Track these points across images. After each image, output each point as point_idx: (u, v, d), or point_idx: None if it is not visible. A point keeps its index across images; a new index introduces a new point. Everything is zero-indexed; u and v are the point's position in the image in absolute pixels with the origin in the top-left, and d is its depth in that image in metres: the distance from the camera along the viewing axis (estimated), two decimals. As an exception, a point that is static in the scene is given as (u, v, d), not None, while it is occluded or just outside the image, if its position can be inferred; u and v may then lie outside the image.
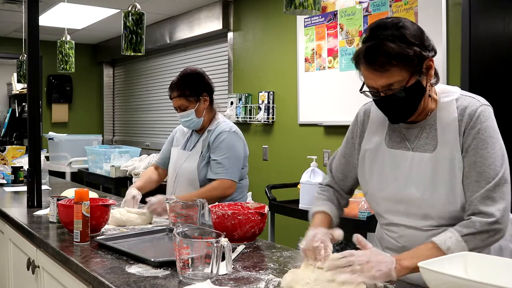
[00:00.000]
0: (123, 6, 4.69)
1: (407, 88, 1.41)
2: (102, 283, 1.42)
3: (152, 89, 6.50)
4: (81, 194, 1.83)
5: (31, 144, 2.62)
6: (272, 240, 3.34)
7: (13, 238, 2.35)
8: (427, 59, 1.42)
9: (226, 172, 2.43)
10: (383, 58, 1.38)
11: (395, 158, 1.54)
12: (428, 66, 1.43)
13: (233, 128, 2.54)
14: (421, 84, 1.43)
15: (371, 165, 1.60)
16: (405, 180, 1.51)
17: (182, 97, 2.51)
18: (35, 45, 2.60)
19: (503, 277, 1.09)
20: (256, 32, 4.58)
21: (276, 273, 1.49)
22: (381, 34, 1.40)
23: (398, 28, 1.40)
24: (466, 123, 1.44)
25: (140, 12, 2.46)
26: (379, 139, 1.60)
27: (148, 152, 5.60)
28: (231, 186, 2.44)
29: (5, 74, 8.02)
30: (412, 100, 1.44)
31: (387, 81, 1.40)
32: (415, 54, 1.39)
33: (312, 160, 3.17)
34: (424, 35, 1.44)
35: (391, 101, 1.45)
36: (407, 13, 3.17)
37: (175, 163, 2.62)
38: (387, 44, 1.38)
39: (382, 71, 1.39)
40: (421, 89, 1.44)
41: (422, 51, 1.40)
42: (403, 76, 1.39)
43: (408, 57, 1.38)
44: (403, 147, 1.54)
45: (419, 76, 1.42)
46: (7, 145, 5.01)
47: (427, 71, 1.44)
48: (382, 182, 1.57)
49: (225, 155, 2.45)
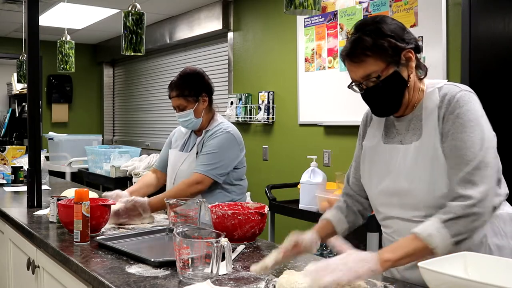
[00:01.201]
0: (123, 6, 4.69)
1: (385, 79, 1.47)
2: (102, 283, 1.42)
3: (152, 89, 6.50)
4: (81, 194, 1.83)
5: (31, 144, 2.62)
6: (272, 240, 3.34)
7: (13, 238, 2.35)
8: (404, 50, 1.47)
9: (201, 166, 2.38)
10: (359, 50, 1.48)
11: (390, 153, 1.58)
12: (407, 58, 1.48)
13: (228, 129, 2.49)
14: (399, 75, 1.48)
15: (369, 162, 1.64)
16: (397, 172, 1.54)
17: (181, 97, 2.50)
18: (35, 45, 2.60)
19: (503, 277, 1.09)
20: (256, 32, 4.58)
21: (276, 273, 1.49)
22: (360, 30, 1.50)
23: (375, 23, 1.49)
24: (445, 109, 1.46)
25: (140, 12, 2.46)
26: (377, 137, 1.64)
27: (148, 152, 5.60)
28: (202, 181, 2.36)
29: (5, 74, 8.02)
30: (392, 91, 1.49)
31: (365, 71, 1.48)
32: (389, 45, 1.46)
33: (312, 160, 3.17)
34: (404, 30, 1.52)
35: (373, 93, 1.51)
36: (407, 13, 3.17)
37: (174, 165, 2.60)
38: (363, 37, 1.48)
39: (358, 61, 1.48)
40: (400, 80, 1.49)
41: (397, 42, 1.46)
42: (379, 66, 1.47)
43: (381, 47, 1.45)
44: (396, 141, 1.58)
45: (397, 67, 1.47)
46: (7, 145, 5.01)
47: (407, 63, 1.49)
48: (378, 177, 1.60)
49: (210, 151, 2.41)
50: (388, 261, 1.32)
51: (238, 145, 2.50)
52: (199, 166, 2.40)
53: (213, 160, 2.40)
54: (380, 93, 1.50)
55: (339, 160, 3.72)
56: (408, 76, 1.50)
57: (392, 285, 1.40)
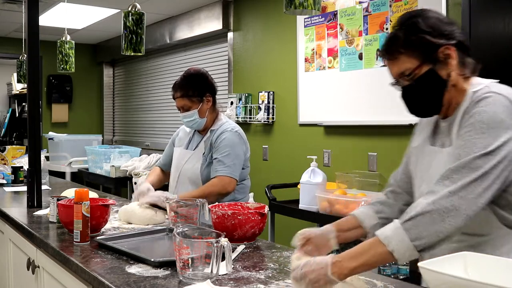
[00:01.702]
0: (123, 6, 4.69)
1: (419, 77, 1.39)
2: (102, 283, 1.42)
3: (152, 89, 6.50)
4: (81, 194, 1.83)
5: (31, 144, 2.62)
6: (272, 240, 3.34)
7: (13, 238, 2.35)
8: (441, 47, 1.37)
9: (225, 169, 2.42)
10: (392, 47, 1.41)
11: (430, 156, 1.48)
12: (446, 55, 1.38)
13: (235, 128, 2.53)
14: (435, 73, 1.38)
15: (414, 163, 1.56)
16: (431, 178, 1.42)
17: (185, 97, 2.51)
18: (35, 45, 2.60)
19: (503, 277, 1.09)
20: (256, 32, 4.58)
21: (276, 273, 1.49)
22: (397, 25, 1.43)
23: (411, 18, 1.41)
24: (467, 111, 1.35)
25: (140, 12, 2.46)
26: (424, 137, 1.54)
27: (148, 152, 5.60)
28: (230, 182, 2.41)
29: (5, 74, 8.02)
30: (428, 90, 1.40)
31: (399, 69, 1.42)
32: (423, 42, 1.37)
33: (312, 160, 3.17)
34: (447, 23, 1.40)
35: (408, 92, 1.44)
36: (407, 13, 3.17)
37: (178, 163, 2.62)
38: (396, 33, 1.41)
39: (392, 58, 1.42)
40: (436, 79, 1.39)
41: (433, 38, 1.36)
42: (413, 63, 1.39)
43: (414, 44, 1.38)
44: (438, 144, 1.48)
45: (434, 65, 1.38)
46: (7, 145, 5.01)
47: (446, 60, 1.38)
48: (419, 180, 1.51)
49: (226, 152, 2.45)
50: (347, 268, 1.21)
51: (245, 143, 2.56)
52: (224, 169, 2.42)
53: (232, 161, 2.44)
54: (415, 92, 1.42)
55: (339, 160, 3.72)
56: (447, 75, 1.39)
57: (392, 285, 1.39)
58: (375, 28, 3.40)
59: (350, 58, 3.58)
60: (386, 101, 3.29)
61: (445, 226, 1.20)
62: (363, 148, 3.52)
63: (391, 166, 3.30)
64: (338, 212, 2.94)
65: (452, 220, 1.21)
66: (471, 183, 1.23)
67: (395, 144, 3.29)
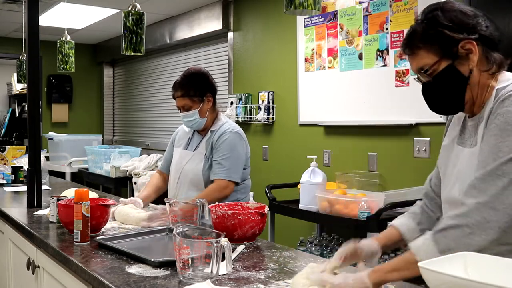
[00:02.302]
0: (123, 6, 4.69)
1: (438, 74, 1.34)
2: (102, 283, 1.42)
3: (152, 89, 6.50)
4: (81, 194, 1.83)
5: (31, 144, 2.62)
6: (272, 240, 3.34)
7: (13, 238, 2.35)
8: (461, 41, 1.31)
9: (223, 172, 2.42)
10: (410, 41, 1.37)
11: (457, 155, 1.42)
12: (467, 49, 1.31)
13: (235, 129, 2.52)
14: (455, 69, 1.32)
15: (443, 164, 1.50)
16: (455, 179, 1.39)
17: (186, 97, 2.50)
18: (35, 45, 2.60)
19: (503, 277, 1.09)
20: (256, 32, 4.58)
21: (276, 273, 1.49)
22: (420, 18, 1.38)
23: (432, 11, 1.36)
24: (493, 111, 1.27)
25: (140, 12, 2.46)
26: (453, 136, 1.48)
27: (148, 152, 5.60)
28: (227, 186, 2.41)
29: (5, 74, 8.02)
30: (448, 87, 1.35)
31: (417, 64, 1.37)
32: (441, 36, 1.32)
33: (312, 160, 3.17)
34: (470, 16, 1.34)
35: (428, 89, 1.39)
36: (407, 13, 3.17)
37: (178, 164, 2.60)
38: (416, 27, 1.37)
39: (411, 54, 1.38)
40: (457, 75, 1.33)
41: (454, 32, 1.31)
42: (431, 59, 1.34)
43: (432, 39, 1.33)
44: (466, 143, 1.41)
45: (453, 60, 1.32)
46: (7, 145, 5.01)
47: (467, 56, 1.32)
48: (446, 180, 1.46)
49: (225, 155, 2.44)
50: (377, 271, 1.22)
51: (245, 143, 2.56)
52: (221, 172, 2.42)
53: (231, 163, 2.44)
54: (434, 89, 1.36)
55: (339, 160, 3.72)
56: (469, 71, 1.32)
57: (392, 285, 1.39)
58: (375, 28, 3.39)
59: (350, 58, 3.58)
60: (386, 101, 3.29)
61: (476, 239, 1.16)
62: (363, 148, 3.52)
63: (391, 166, 3.32)
64: (338, 212, 2.94)
65: (483, 233, 1.15)
66: (501, 192, 1.17)
67: (395, 144, 3.29)
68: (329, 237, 3.34)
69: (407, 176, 3.19)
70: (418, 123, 3.12)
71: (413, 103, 3.09)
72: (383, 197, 2.89)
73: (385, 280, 1.22)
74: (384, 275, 1.22)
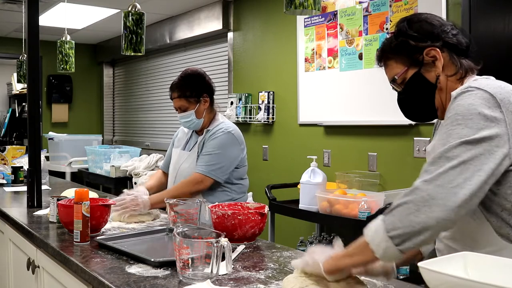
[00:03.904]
0: (123, 6, 4.69)
1: (408, 82, 1.40)
2: (102, 283, 1.42)
3: (152, 89, 6.50)
4: (81, 194, 1.83)
5: (31, 144, 2.62)
6: (272, 240, 3.34)
7: (13, 238, 2.35)
8: (426, 49, 1.36)
9: (202, 167, 2.41)
10: (381, 53, 1.45)
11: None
12: (432, 57, 1.36)
13: (229, 129, 2.51)
14: (422, 77, 1.38)
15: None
16: None
17: (182, 98, 2.51)
18: (35, 45, 2.60)
19: (503, 277, 1.09)
20: (256, 32, 4.58)
21: (276, 273, 1.49)
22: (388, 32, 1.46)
23: (400, 23, 1.43)
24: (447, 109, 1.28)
25: (140, 12, 2.46)
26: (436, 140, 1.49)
27: (148, 152, 5.60)
28: (202, 181, 2.39)
29: (5, 74, 8.02)
30: (417, 95, 1.40)
31: (390, 74, 1.45)
32: (406, 46, 1.38)
33: (312, 160, 3.17)
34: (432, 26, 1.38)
35: (400, 97, 1.46)
36: (407, 13, 3.17)
37: (175, 164, 2.63)
38: (385, 40, 1.45)
39: (381, 65, 1.46)
40: (423, 82, 1.38)
41: (417, 42, 1.37)
42: (400, 68, 1.41)
43: (399, 49, 1.40)
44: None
45: (419, 68, 1.38)
46: (7, 145, 5.01)
47: (433, 63, 1.37)
48: None
49: (210, 151, 2.44)
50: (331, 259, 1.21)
51: (239, 144, 2.52)
52: (200, 166, 2.43)
53: (214, 160, 2.43)
54: (406, 97, 1.42)
55: (339, 160, 3.72)
56: (435, 77, 1.37)
57: (392, 284, 1.39)
58: (375, 28, 3.40)
59: (350, 58, 3.58)
60: (386, 101, 3.29)
61: (421, 216, 1.12)
62: (363, 148, 3.52)
63: (391, 166, 3.32)
64: (338, 212, 2.94)
65: (428, 209, 1.12)
66: (447, 171, 1.14)
67: (395, 144, 3.29)
68: (329, 237, 3.34)
69: (407, 176, 3.19)
70: (418, 123, 3.12)
71: (413, 103, 3.08)
72: (383, 197, 2.89)
73: (339, 267, 1.20)
74: (337, 262, 1.21)
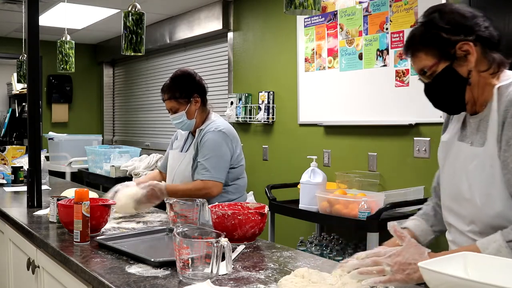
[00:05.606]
0: (123, 6, 4.69)
1: (437, 75, 1.37)
2: (102, 283, 1.42)
3: (152, 89, 6.50)
4: (81, 194, 1.83)
5: (31, 144, 2.62)
6: (272, 240, 3.34)
7: (13, 238, 2.35)
8: (459, 43, 1.33)
9: (208, 173, 2.42)
10: (410, 44, 1.41)
11: (459, 152, 1.44)
12: (464, 51, 1.34)
13: (219, 127, 2.50)
14: (454, 71, 1.35)
15: (443, 159, 1.52)
16: (460, 176, 1.41)
17: (172, 99, 2.52)
18: (35, 45, 2.60)
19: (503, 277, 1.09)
20: (256, 32, 4.58)
21: (276, 273, 1.49)
22: (418, 21, 1.41)
23: (431, 13, 1.39)
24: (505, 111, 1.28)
25: (140, 12, 2.46)
26: (454, 132, 1.50)
27: (148, 152, 5.60)
28: (214, 185, 2.42)
29: (5, 74, 8.02)
30: (447, 88, 1.37)
31: (418, 66, 1.41)
32: (438, 38, 1.34)
33: (312, 160, 3.17)
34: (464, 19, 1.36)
35: (429, 89, 1.42)
36: (407, 13, 3.17)
37: (172, 166, 2.64)
38: (414, 31, 1.41)
39: (411, 56, 1.42)
40: (455, 76, 1.35)
41: (451, 34, 1.33)
42: (430, 61, 1.37)
43: (430, 41, 1.36)
44: (468, 140, 1.44)
45: (451, 62, 1.35)
46: (7, 145, 5.01)
47: (466, 57, 1.34)
48: (447, 175, 1.48)
49: (207, 156, 2.45)
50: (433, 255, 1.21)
51: (231, 141, 2.51)
52: (205, 173, 2.43)
53: (214, 163, 2.43)
54: (435, 89, 1.40)
55: (339, 160, 3.72)
56: (467, 71, 1.35)
57: (392, 284, 1.39)
58: (375, 28, 3.39)
59: (350, 58, 3.58)
60: (386, 101, 3.29)
61: None
62: (363, 148, 3.52)
63: (391, 166, 3.32)
64: (338, 212, 2.94)
65: None
66: None
67: (395, 144, 3.29)
68: (329, 237, 3.34)
69: (407, 176, 3.19)
70: (418, 123, 3.12)
71: (413, 103, 3.09)
72: (383, 197, 2.89)
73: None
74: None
